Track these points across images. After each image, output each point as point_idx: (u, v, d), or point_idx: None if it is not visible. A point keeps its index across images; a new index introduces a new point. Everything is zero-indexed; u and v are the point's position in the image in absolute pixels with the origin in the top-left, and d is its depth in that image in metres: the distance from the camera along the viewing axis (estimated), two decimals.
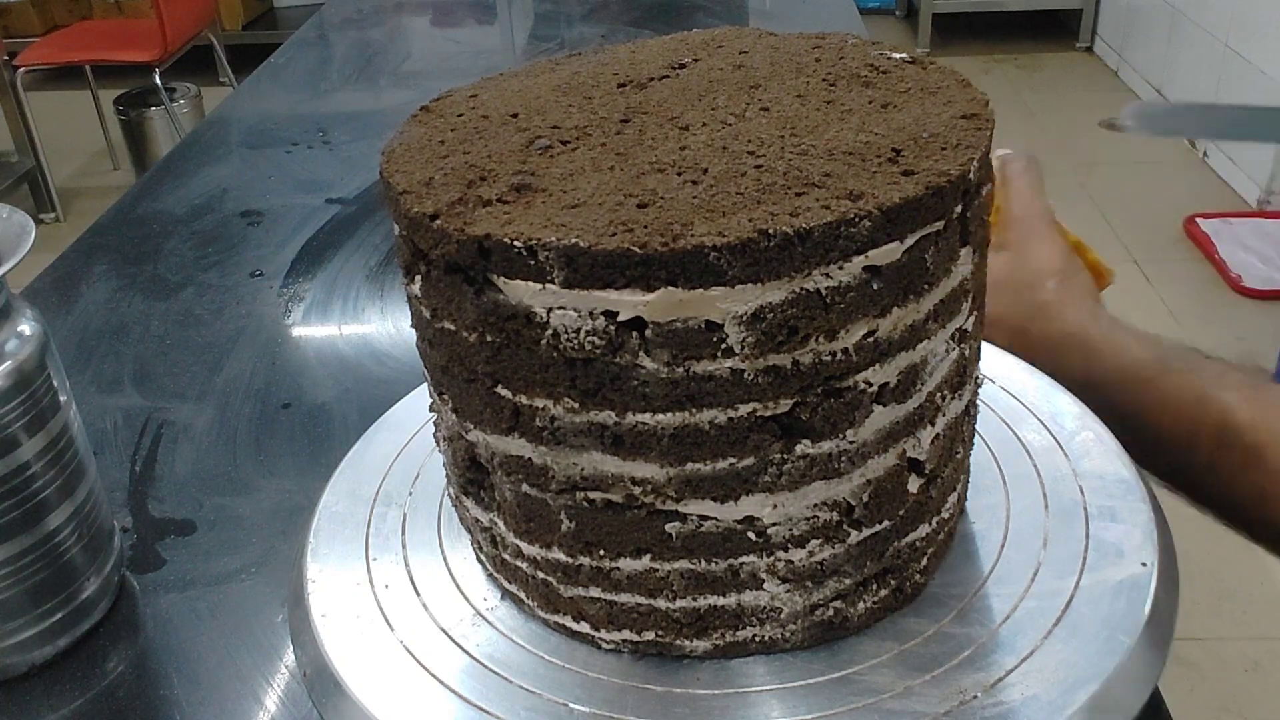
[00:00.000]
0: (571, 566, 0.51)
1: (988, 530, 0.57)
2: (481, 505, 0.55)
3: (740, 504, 0.48)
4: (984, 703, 0.47)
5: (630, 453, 0.47)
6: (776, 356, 0.44)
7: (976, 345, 0.55)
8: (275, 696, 0.63)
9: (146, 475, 0.82)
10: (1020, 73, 4.24)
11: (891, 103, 0.52)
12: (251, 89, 1.74)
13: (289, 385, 0.92)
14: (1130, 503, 0.58)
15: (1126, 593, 0.52)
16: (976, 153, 0.47)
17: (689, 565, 0.50)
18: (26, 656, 0.64)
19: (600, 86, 0.57)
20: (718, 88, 0.55)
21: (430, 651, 0.53)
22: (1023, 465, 0.61)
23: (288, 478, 0.80)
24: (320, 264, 1.12)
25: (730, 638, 0.52)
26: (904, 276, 0.46)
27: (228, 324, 1.01)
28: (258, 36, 4.29)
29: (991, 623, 0.52)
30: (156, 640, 0.67)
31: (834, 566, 0.50)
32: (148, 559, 0.74)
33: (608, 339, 0.44)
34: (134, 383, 0.93)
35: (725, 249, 0.42)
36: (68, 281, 1.10)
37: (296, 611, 0.57)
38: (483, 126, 0.54)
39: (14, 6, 4.38)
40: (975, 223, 0.49)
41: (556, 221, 0.44)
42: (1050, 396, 0.66)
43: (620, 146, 0.50)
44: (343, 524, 0.62)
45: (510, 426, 0.49)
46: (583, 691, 0.50)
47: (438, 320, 0.49)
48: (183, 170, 1.38)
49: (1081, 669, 0.49)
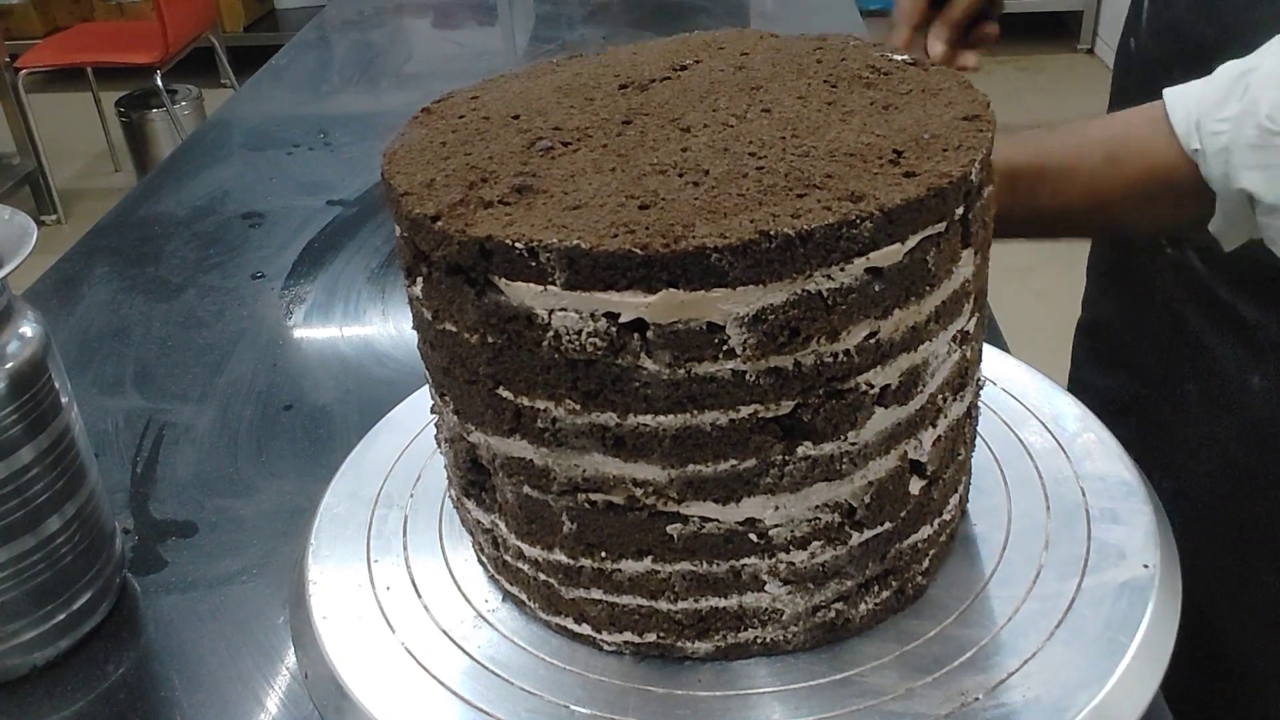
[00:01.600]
0: (573, 568, 0.51)
1: (989, 532, 0.57)
2: (483, 507, 0.55)
3: (742, 505, 0.48)
4: (985, 705, 0.47)
5: (632, 454, 0.47)
6: (778, 358, 0.44)
7: (978, 347, 0.55)
8: (276, 698, 0.63)
9: (148, 477, 0.82)
10: (1021, 74, 4.24)
11: (893, 104, 0.52)
12: (253, 91, 1.74)
13: (290, 387, 0.92)
14: (1132, 505, 0.58)
15: (1128, 595, 0.52)
16: (978, 154, 0.47)
17: (690, 567, 0.50)
18: (28, 658, 0.64)
19: (601, 88, 0.57)
20: (719, 89, 0.55)
21: (431, 653, 0.53)
22: (1024, 467, 0.61)
23: (289, 479, 0.80)
24: (321, 266, 1.12)
25: (732, 639, 0.51)
26: (905, 278, 0.45)
27: (229, 326, 1.01)
28: (259, 38, 4.29)
29: (993, 625, 0.52)
30: (158, 642, 0.67)
31: (835, 568, 0.50)
32: (149, 561, 0.74)
33: (609, 340, 0.44)
34: (135, 384, 0.93)
35: (727, 250, 0.42)
36: (69, 283, 1.10)
37: (298, 613, 0.57)
38: (484, 128, 0.54)
39: (15, 8, 4.38)
40: (977, 224, 0.49)
41: (558, 223, 0.44)
42: (1052, 398, 0.66)
43: (622, 148, 0.50)
44: (344, 525, 0.62)
45: (512, 428, 0.49)
46: (584, 693, 0.50)
47: (439, 322, 0.49)
48: (184, 172, 1.38)
49: (1083, 671, 0.48)
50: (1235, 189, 0.58)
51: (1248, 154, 0.57)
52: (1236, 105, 0.58)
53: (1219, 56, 0.62)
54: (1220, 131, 0.58)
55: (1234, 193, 0.58)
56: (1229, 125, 0.58)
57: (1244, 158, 0.57)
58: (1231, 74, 0.59)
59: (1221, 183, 0.59)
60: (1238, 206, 0.59)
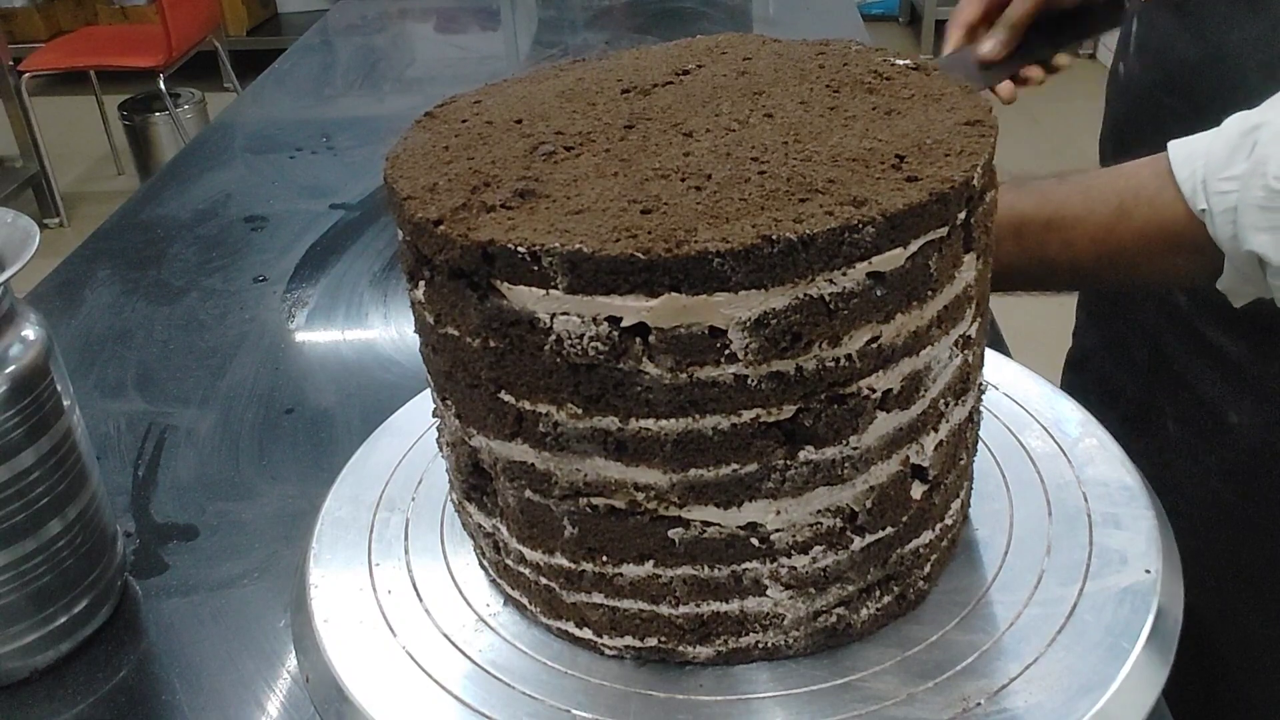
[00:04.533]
0: (574, 572, 0.51)
1: (991, 537, 0.57)
2: (484, 511, 0.55)
3: (743, 510, 0.48)
4: (987, 710, 0.47)
5: (633, 458, 0.47)
6: (780, 362, 0.44)
7: (980, 351, 0.55)
8: (278, 702, 0.63)
9: (149, 480, 0.82)
10: None
11: (895, 109, 0.52)
12: (256, 94, 1.74)
13: (292, 390, 0.92)
14: (1134, 509, 0.57)
15: (1130, 600, 0.52)
16: (980, 159, 0.47)
17: (692, 571, 0.50)
18: (29, 661, 0.64)
19: (604, 93, 0.57)
20: (721, 94, 0.55)
21: (433, 657, 0.53)
22: (1026, 472, 0.61)
23: (290, 483, 0.80)
24: (324, 269, 1.12)
25: (733, 644, 0.51)
26: (908, 282, 0.45)
27: (231, 329, 1.01)
28: (262, 42, 4.30)
29: (995, 630, 0.52)
30: (159, 645, 0.67)
31: (837, 573, 0.50)
32: (150, 564, 0.74)
33: (611, 345, 0.44)
34: (137, 387, 0.93)
35: (729, 255, 0.42)
36: (72, 286, 1.10)
37: (299, 616, 0.57)
38: (487, 132, 0.54)
39: (19, 12, 4.39)
40: (979, 229, 0.49)
41: (560, 227, 0.44)
42: (1053, 403, 0.66)
43: (624, 152, 0.50)
44: (345, 529, 0.62)
45: (513, 432, 0.49)
46: (585, 698, 0.50)
47: (441, 326, 0.49)
48: (187, 175, 1.38)
49: (1085, 676, 0.48)
50: (1245, 250, 0.56)
51: (1256, 215, 0.55)
52: (1244, 163, 0.55)
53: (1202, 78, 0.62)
54: (1227, 191, 0.56)
55: (1243, 254, 0.56)
56: (1236, 185, 0.55)
57: (1253, 219, 0.55)
58: (1240, 128, 0.57)
59: (1230, 244, 0.56)
60: (1248, 267, 0.57)
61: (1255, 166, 0.55)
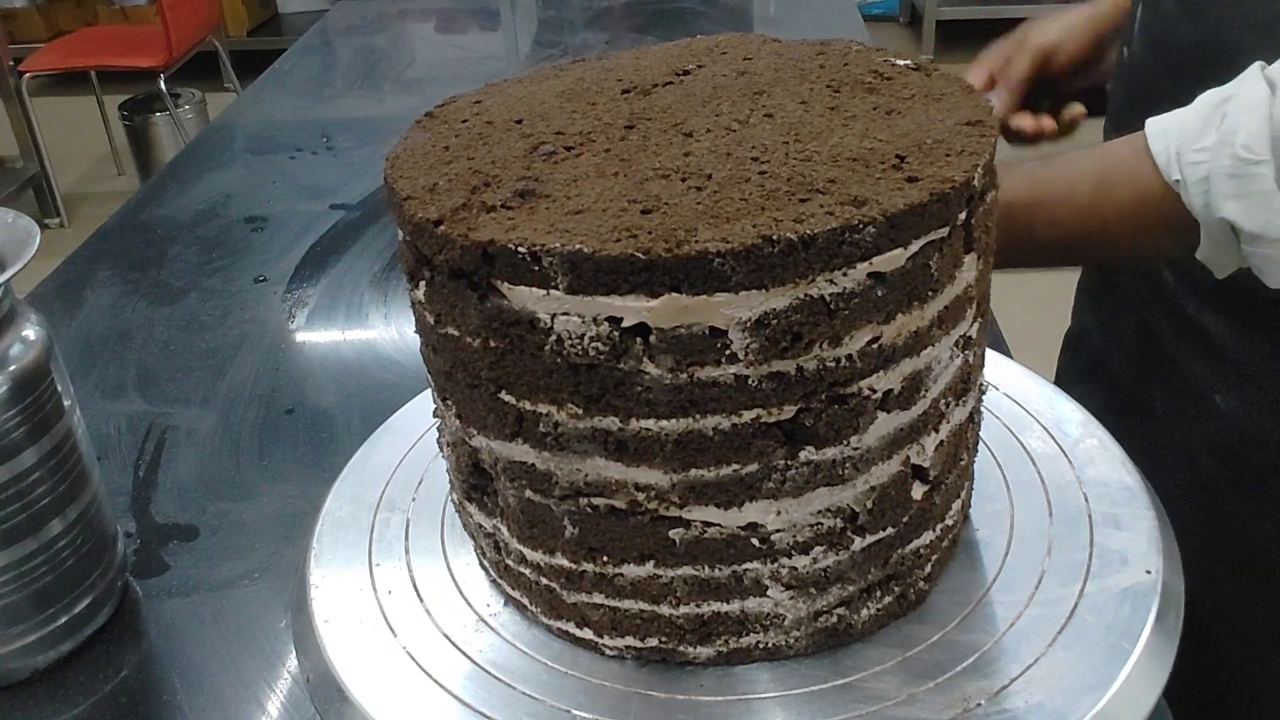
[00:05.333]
0: (575, 572, 0.51)
1: (992, 537, 0.57)
2: (485, 511, 0.55)
3: (744, 510, 0.48)
4: (988, 710, 0.47)
5: (634, 459, 0.47)
6: (781, 363, 0.44)
7: (981, 352, 0.55)
8: (278, 702, 0.63)
9: (150, 480, 0.82)
10: None
11: (895, 109, 0.52)
12: (256, 95, 1.74)
13: (292, 390, 0.92)
14: (1134, 510, 0.57)
15: (1131, 600, 0.52)
16: (980, 159, 0.47)
17: (692, 571, 0.50)
18: (29, 661, 0.64)
19: (604, 93, 0.57)
20: (721, 94, 0.55)
21: (433, 657, 0.53)
22: (1027, 472, 0.61)
23: (291, 483, 0.80)
24: (324, 269, 1.12)
25: (733, 644, 0.51)
26: (908, 283, 0.45)
27: (231, 329, 1.01)
28: (262, 43, 4.30)
29: (995, 630, 0.52)
30: (159, 645, 0.67)
31: (838, 573, 0.50)
32: (151, 564, 0.74)
33: (611, 345, 0.44)
34: (137, 388, 0.93)
35: (729, 255, 0.42)
36: (72, 287, 1.10)
37: (299, 617, 0.57)
38: (487, 132, 0.54)
39: (19, 12, 4.40)
40: (979, 229, 0.49)
41: (560, 227, 0.44)
42: (1054, 403, 0.66)
43: (624, 152, 0.50)
44: (346, 529, 0.62)
45: (514, 432, 0.49)
46: (585, 698, 0.50)
47: (441, 326, 0.49)
48: (187, 176, 1.38)
49: (1086, 677, 0.48)
50: (1217, 219, 0.58)
51: (1226, 183, 0.57)
52: (1214, 135, 0.58)
53: (1200, 62, 0.62)
54: (1199, 162, 0.58)
55: (1216, 222, 0.58)
56: (1207, 155, 0.58)
57: (1223, 187, 0.57)
58: (1210, 102, 0.59)
59: (1204, 213, 0.59)
60: (1221, 236, 0.59)
61: (1224, 137, 0.57)
